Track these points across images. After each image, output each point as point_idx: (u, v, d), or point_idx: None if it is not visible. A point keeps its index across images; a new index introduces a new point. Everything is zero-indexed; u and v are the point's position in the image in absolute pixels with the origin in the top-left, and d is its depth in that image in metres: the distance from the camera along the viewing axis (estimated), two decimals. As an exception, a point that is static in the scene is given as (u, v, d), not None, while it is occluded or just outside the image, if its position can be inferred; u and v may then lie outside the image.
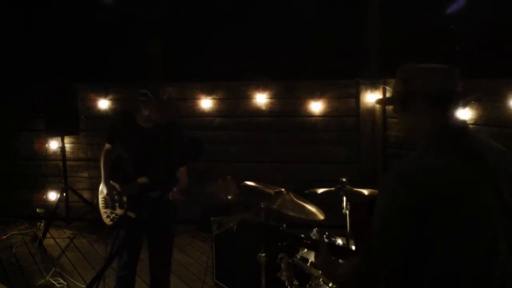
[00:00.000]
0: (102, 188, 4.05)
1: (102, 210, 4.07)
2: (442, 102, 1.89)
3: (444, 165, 1.77)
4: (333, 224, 3.56)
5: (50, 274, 5.14)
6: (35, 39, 7.13)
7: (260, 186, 3.69)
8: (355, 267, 1.88)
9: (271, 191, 3.51)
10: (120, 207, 3.98)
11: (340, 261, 2.09)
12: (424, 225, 1.70)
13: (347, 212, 3.53)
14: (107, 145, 4.06)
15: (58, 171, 6.80)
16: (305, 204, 3.49)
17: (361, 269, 1.85)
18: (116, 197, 3.98)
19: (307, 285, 3.37)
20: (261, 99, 6.62)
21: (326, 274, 2.22)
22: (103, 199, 4.06)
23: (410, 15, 6.11)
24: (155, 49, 6.92)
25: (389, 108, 6.06)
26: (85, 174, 6.93)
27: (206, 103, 6.72)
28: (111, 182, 4.03)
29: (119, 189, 3.98)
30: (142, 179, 3.82)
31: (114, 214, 4.02)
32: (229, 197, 3.39)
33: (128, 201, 3.92)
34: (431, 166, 1.77)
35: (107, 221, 4.04)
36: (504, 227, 1.76)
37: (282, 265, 3.40)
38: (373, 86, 6.24)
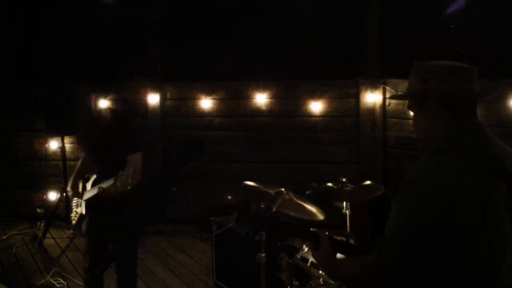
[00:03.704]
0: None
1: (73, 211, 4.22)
2: (458, 104, 1.85)
3: (459, 167, 1.73)
4: (333, 224, 3.56)
5: (50, 274, 5.14)
6: (35, 39, 7.12)
7: (260, 186, 3.69)
8: (367, 267, 1.81)
9: (271, 191, 3.51)
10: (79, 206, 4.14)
11: (339, 255, 2.04)
12: (445, 230, 1.68)
13: (347, 212, 3.53)
14: None
15: (58, 171, 6.80)
16: (305, 204, 3.48)
17: (375, 272, 1.78)
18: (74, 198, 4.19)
19: (307, 285, 3.37)
20: (261, 99, 6.62)
21: (325, 269, 2.15)
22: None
23: (410, 15, 6.09)
24: (155, 49, 6.92)
25: (390, 107, 6.06)
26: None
27: (206, 103, 6.72)
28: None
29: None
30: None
31: (75, 213, 4.17)
32: (229, 196, 3.39)
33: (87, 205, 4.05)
34: (445, 171, 1.73)
35: (73, 222, 4.15)
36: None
37: (282, 265, 3.40)
38: (373, 86, 6.23)
